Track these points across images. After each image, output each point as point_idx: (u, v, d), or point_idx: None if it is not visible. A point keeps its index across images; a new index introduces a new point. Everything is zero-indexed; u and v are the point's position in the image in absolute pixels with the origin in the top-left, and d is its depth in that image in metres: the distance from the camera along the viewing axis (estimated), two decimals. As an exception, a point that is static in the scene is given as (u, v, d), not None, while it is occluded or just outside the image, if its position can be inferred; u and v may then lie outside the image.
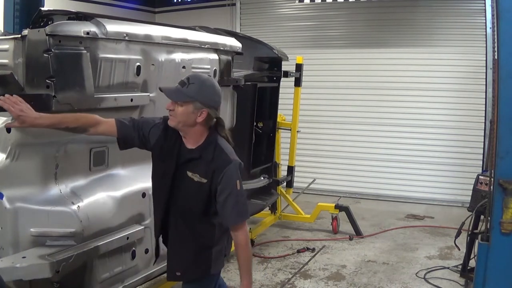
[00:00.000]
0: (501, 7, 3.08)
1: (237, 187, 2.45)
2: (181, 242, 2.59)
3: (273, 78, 5.61)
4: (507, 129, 3.13)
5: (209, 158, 2.45)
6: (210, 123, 2.51)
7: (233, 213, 2.46)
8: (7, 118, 2.76)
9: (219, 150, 2.47)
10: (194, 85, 2.42)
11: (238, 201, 2.46)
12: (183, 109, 2.40)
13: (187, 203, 2.52)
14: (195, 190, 2.47)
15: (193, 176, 2.47)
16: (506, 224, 3.15)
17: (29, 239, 2.69)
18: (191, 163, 2.48)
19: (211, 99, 2.46)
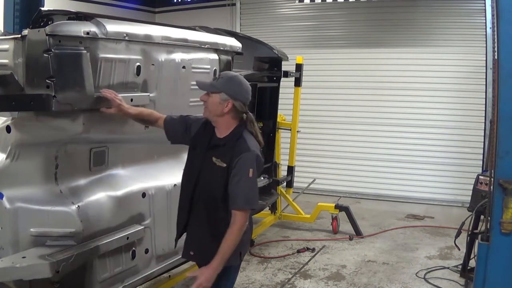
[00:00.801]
0: (501, 7, 3.08)
1: (249, 174, 2.61)
2: (199, 225, 2.74)
3: (273, 78, 5.61)
4: (507, 129, 3.13)
5: (232, 145, 2.67)
6: (239, 116, 2.72)
7: (240, 197, 2.59)
8: (7, 118, 2.77)
9: (242, 140, 2.67)
10: (222, 79, 2.70)
11: (247, 187, 2.61)
12: (211, 99, 2.68)
13: (209, 187, 2.70)
14: (217, 175, 2.66)
15: (216, 161, 2.67)
16: (506, 224, 3.15)
17: (29, 239, 2.69)
18: (217, 149, 2.70)
19: (236, 92, 2.68)
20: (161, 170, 3.50)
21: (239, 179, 2.60)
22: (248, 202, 2.63)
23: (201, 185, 2.73)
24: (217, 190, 2.65)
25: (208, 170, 2.70)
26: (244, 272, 5.02)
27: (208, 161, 2.70)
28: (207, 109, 2.73)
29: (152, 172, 3.41)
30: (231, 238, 2.58)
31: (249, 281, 4.81)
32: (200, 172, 2.74)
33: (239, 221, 2.59)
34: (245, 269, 5.11)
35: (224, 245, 2.58)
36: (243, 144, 2.66)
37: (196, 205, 2.75)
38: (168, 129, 2.93)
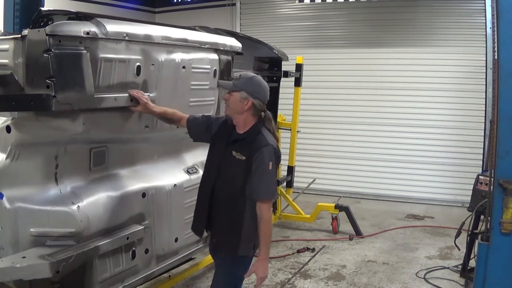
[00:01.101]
0: (501, 7, 3.09)
1: (269, 167, 2.83)
2: (219, 215, 2.96)
3: (273, 78, 5.61)
4: (507, 129, 3.13)
5: (251, 140, 2.88)
6: (257, 113, 2.94)
7: (261, 188, 2.82)
8: (7, 118, 2.77)
9: (261, 135, 2.89)
10: (243, 79, 2.93)
11: (268, 179, 2.84)
12: (233, 98, 2.89)
13: (229, 179, 2.91)
14: (236, 167, 2.88)
15: (236, 154, 2.89)
16: (506, 224, 3.15)
17: (29, 239, 2.69)
18: (237, 144, 2.92)
19: (255, 91, 2.90)
20: (161, 170, 3.50)
21: (260, 172, 2.81)
22: (271, 193, 2.87)
23: (222, 177, 2.94)
24: (237, 182, 2.86)
25: (228, 163, 2.91)
26: (244, 272, 5.02)
27: (228, 155, 2.91)
28: (228, 107, 2.94)
29: (152, 172, 3.41)
30: (266, 229, 2.85)
31: (249, 281, 4.80)
32: (220, 166, 2.95)
33: (266, 212, 2.85)
34: (245, 269, 5.11)
35: (263, 237, 2.85)
36: (262, 139, 2.87)
37: (217, 197, 2.96)
38: (190, 128, 3.16)
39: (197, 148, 3.96)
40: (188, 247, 3.72)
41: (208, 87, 3.73)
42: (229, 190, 2.92)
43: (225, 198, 2.93)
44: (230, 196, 2.92)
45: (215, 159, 3.01)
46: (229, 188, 2.92)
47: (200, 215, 3.07)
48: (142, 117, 3.19)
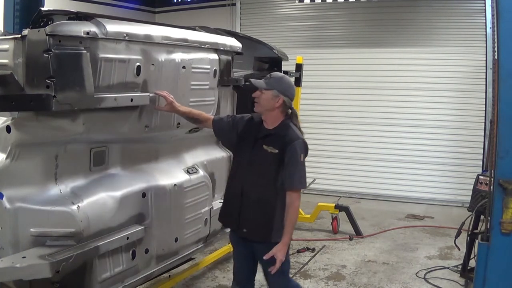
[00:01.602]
0: (501, 7, 3.09)
1: (300, 158, 3.08)
2: (250, 206, 3.14)
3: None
4: (507, 129, 3.13)
5: (282, 134, 3.11)
6: (285, 110, 3.17)
7: (294, 178, 3.05)
8: (7, 118, 2.77)
9: (291, 130, 3.14)
10: (273, 79, 3.15)
11: (299, 169, 3.07)
12: (264, 96, 3.11)
13: (261, 170, 3.12)
14: (268, 159, 3.09)
15: (267, 148, 3.10)
16: (506, 224, 3.15)
17: (29, 239, 2.69)
18: (268, 138, 3.13)
19: (286, 90, 3.14)
20: (161, 170, 3.50)
21: (292, 163, 3.05)
22: (301, 182, 3.09)
23: (253, 170, 3.14)
24: (269, 173, 3.08)
25: (259, 156, 3.12)
26: (244, 272, 5.02)
27: (259, 149, 3.13)
28: (259, 105, 3.14)
29: (152, 172, 3.41)
30: (293, 216, 3.06)
31: (249, 281, 4.80)
32: (251, 159, 3.15)
33: (295, 200, 3.06)
34: (245, 269, 5.10)
35: (289, 224, 3.05)
36: (293, 133, 3.12)
37: (248, 189, 3.14)
38: (216, 128, 3.37)
39: (197, 148, 3.97)
40: (188, 247, 3.72)
41: (208, 87, 3.73)
42: (261, 181, 3.12)
43: (257, 190, 3.13)
44: (262, 187, 3.12)
45: (245, 154, 3.20)
46: (261, 180, 3.12)
47: (231, 207, 3.25)
48: (142, 117, 3.18)
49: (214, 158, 4.08)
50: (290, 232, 3.08)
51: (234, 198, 3.21)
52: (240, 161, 3.25)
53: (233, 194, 3.23)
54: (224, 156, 4.20)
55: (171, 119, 3.43)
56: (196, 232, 3.75)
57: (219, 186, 4.12)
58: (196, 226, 3.72)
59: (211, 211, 3.87)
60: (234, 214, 3.22)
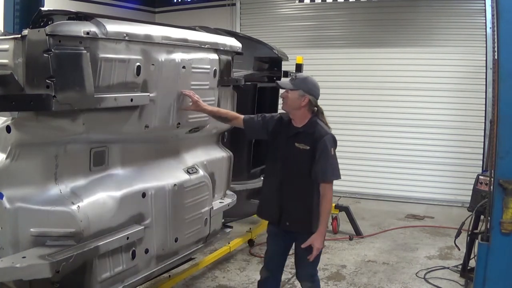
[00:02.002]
0: (501, 7, 3.09)
1: (331, 152, 3.29)
2: (290, 200, 3.39)
3: (273, 78, 5.60)
4: (507, 129, 3.14)
5: (311, 131, 3.32)
6: (312, 109, 3.38)
7: (327, 171, 3.27)
8: (7, 118, 2.77)
9: (319, 127, 3.34)
10: (298, 79, 3.37)
11: (331, 162, 3.29)
12: (291, 96, 3.33)
13: (296, 166, 3.35)
14: (301, 156, 3.32)
15: (299, 145, 3.33)
16: (506, 224, 3.16)
17: (29, 239, 2.68)
18: (298, 136, 3.36)
19: (311, 89, 3.35)
20: (161, 170, 3.50)
21: (324, 157, 3.26)
22: (334, 174, 3.31)
23: (288, 167, 3.36)
24: (304, 168, 3.31)
25: (293, 154, 3.35)
26: (244, 272, 5.03)
27: (291, 146, 3.35)
28: (286, 104, 3.36)
29: (152, 172, 3.41)
30: (327, 207, 3.31)
31: (249, 281, 4.81)
32: (285, 157, 3.38)
33: (329, 191, 3.29)
34: (245, 269, 5.11)
35: (324, 214, 3.30)
36: (321, 129, 3.33)
37: (286, 185, 3.38)
38: (247, 127, 3.58)
39: (197, 148, 3.96)
40: (188, 247, 3.72)
41: (208, 87, 3.73)
42: (297, 177, 3.35)
43: (294, 185, 3.38)
44: (299, 182, 3.36)
45: (279, 152, 3.44)
46: (297, 175, 3.35)
47: (271, 202, 3.51)
48: (142, 117, 3.18)
49: (214, 158, 4.08)
50: (326, 222, 3.35)
51: (273, 194, 3.47)
52: (275, 159, 3.48)
53: (271, 190, 3.48)
54: (224, 156, 4.19)
55: (171, 119, 3.43)
56: (196, 232, 3.74)
57: (219, 186, 4.12)
58: (196, 226, 3.72)
59: (211, 211, 3.87)
60: (274, 209, 3.46)
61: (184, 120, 3.54)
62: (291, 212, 3.41)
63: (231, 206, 4.21)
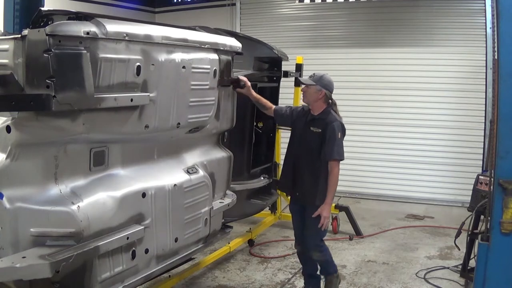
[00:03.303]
0: (501, 6, 3.09)
1: (338, 136, 3.96)
2: (302, 174, 4.10)
3: (273, 78, 5.61)
4: (507, 129, 3.13)
5: (324, 118, 4.04)
6: (327, 101, 4.08)
7: (333, 151, 3.93)
8: (7, 118, 2.77)
9: (331, 115, 4.05)
10: (316, 77, 4.05)
11: (337, 144, 3.95)
12: (310, 90, 4.05)
13: (308, 146, 4.07)
14: (314, 138, 4.04)
15: (313, 129, 4.06)
16: (506, 224, 3.15)
17: (29, 239, 2.68)
18: (314, 122, 4.08)
19: (326, 85, 4.04)
20: (161, 170, 3.50)
21: (332, 139, 3.93)
22: (339, 154, 3.95)
23: (303, 146, 4.10)
24: (315, 148, 4.01)
25: (307, 135, 4.08)
26: (244, 272, 5.03)
27: (308, 130, 4.09)
28: (306, 97, 4.08)
29: (152, 172, 3.41)
30: (334, 181, 3.94)
31: (249, 281, 4.81)
32: (301, 138, 4.13)
33: (335, 168, 3.94)
34: (245, 269, 5.11)
35: (330, 187, 3.94)
36: (332, 117, 4.03)
37: (299, 162, 4.12)
38: (276, 115, 4.38)
39: (197, 148, 3.96)
40: (188, 247, 3.72)
41: (208, 87, 3.73)
42: (309, 155, 4.04)
43: (306, 161, 4.07)
44: (310, 160, 4.04)
45: (297, 134, 4.19)
46: (309, 154, 4.04)
47: (287, 177, 4.23)
48: (142, 117, 3.18)
49: (214, 158, 4.08)
50: (332, 194, 3.95)
51: (289, 170, 4.20)
52: (293, 141, 4.22)
53: (288, 166, 4.22)
54: (224, 156, 4.19)
55: (171, 119, 3.43)
56: (196, 232, 3.74)
57: (219, 186, 4.12)
58: (196, 226, 3.72)
59: (211, 211, 3.87)
60: (289, 182, 4.21)
61: (184, 120, 3.54)
62: (301, 184, 4.10)
63: (231, 206, 4.20)
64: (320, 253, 4.15)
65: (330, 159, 3.93)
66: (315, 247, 4.13)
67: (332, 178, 3.93)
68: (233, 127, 4.32)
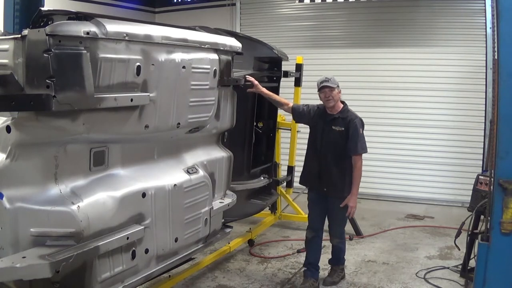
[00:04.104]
0: (501, 7, 3.09)
1: (360, 131, 4.38)
2: (328, 170, 4.46)
3: (273, 78, 5.60)
4: (507, 129, 3.13)
5: (345, 116, 4.45)
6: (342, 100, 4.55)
7: (356, 146, 4.34)
8: (7, 118, 2.77)
9: (350, 113, 4.49)
10: (332, 79, 4.43)
11: (360, 139, 4.37)
12: (334, 92, 4.42)
13: (333, 144, 4.43)
14: (338, 136, 4.42)
15: (335, 127, 4.44)
16: (506, 224, 3.15)
17: (29, 239, 2.68)
18: (335, 121, 4.45)
19: (338, 84, 4.46)
20: (161, 170, 3.50)
21: (355, 135, 4.34)
22: (363, 148, 4.38)
23: (326, 144, 4.46)
24: (339, 145, 4.39)
25: (331, 134, 4.44)
26: (244, 272, 5.03)
27: (330, 129, 4.45)
28: (333, 98, 4.41)
29: (152, 172, 3.41)
30: (358, 173, 4.37)
31: (249, 281, 4.81)
32: (324, 137, 4.48)
33: (358, 161, 4.36)
34: (245, 269, 5.11)
35: (356, 179, 4.37)
36: (352, 115, 4.47)
37: (325, 159, 4.47)
38: (295, 113, 4.75)
39: (197, 148, 3.96)
40: (188, 247, 3.72)
41: (208, 87, 3.73)
42: (335, 152, 4.41)
43: (332, 158, 4.43)
44: (335, 156, 4.41)
45: (318, 134, 4.54)
46: (335, 151, 4.41)
47: (311, 173, 4.62)
48: (142, 117, 3.18)
49: (214, 158, 4.08)
50: (357, 185, 4.38)
51: (315, 167, 4.57)
52: (315, 139, 4.57)
53: (313, 164, 4.58)
54: (224, 156, 4.19)
55: (171, 119, 3.43)
56: (196, 232, 3.74)
57: (219, 186, 4.12)
58: (196, 226, 3.72)
59: (211, 211, 3.87)
60: (314, 177, 4.57)
61: (184, 120, 3.54)
62: (328, 179, 4.46)
63: (231, 206, 4.20)
64: (341, 240, 4.73)
65: (355, 154, 4.33)
66: (340, 234, 4.71)
67: (357, 171, 4.34)
68: (233, 127, 4.32)
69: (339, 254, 4.81)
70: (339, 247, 4.77)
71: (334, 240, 4.73)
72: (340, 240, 4.74)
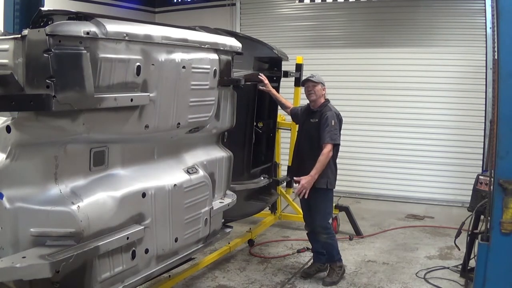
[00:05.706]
0: (501, 7, 3.09)
1: (332, 123, 4.56)
2: (304, 162, 4.68)
3: (273, 78, 5.60)
4: (507, 129, 3.14)
5: (321, 110, 4.70)
6: (324, 96, 4.80)
7: (326, 136, 4.52)
8: (7, 118, 2.77)
9: (327, 107, 4.72)
10: (317, 76, 4.78)
11: (330, 130, 4.54)
12: (318, 87, 4.73)
13: (309, 136, 4.72)
14: (313, 128, 4.69)
15: (312, 120, 4.73)
16: (506, 224, 3.16)
17: (29, 239, 2.68)
18: (313, 114, 4.76)
19: (323, 82, 4.80)
20: (161, 170, 3.50)
21: (326, 126, 4.54)
22: (332, 138, 4.53)
23: (304, 137, 4.80)
24: (314, 136, 4.63)
25: (308, 126, 4.77)
26: (244, 272, 5.03)
27: (308, 122, 4.77)
28: (315, 93, 4.73)
29: (152, 172, 3.41)
30: (323, 158, 4.48)
31: (249, 281, 4.81)
32: (303, 129, 4.86)
33: (326, 149, 4.50)
34: (245, 269, 5.11)
35: (318, 164, 4.47)
36: (327, 109, 4.68)
37: (302, 150, 4.80)
38: (292, 115, 5.20)
39: (197, 148, 3.96)
40: (188, 247, 3.72)
41: (208, 87, 3.73)
42: (311, 144, 4.67)
43: (307, 149, 4.71)
44: (310, 147, 4.66)
45: (301, 127, 4.93)
46: (311, 143, 4.67)
47: (293, 163, 5.02)
48: (142, 117, 3.18)
49: (214, 158, 4.08)
50: (317, 170, 4.46)
51: (295, 158, 4.96)
52: (299, 134, 4.94)
53: (295, 155, 4.99)
54: (224, 156, 4.19)
55: (171, 119, 3.43)
56: (196, 232, 3.74)
57: (219, 186, 4.12)
58: (196, 226, 3.72)
59: (211, 211, 3.87)
60: (295, 167, 4.89)
61: (184, 120, 3.54)
62: (304, 171, 4.56)
63: (231, 206, 4.20)
64: (327, 235, 4.69)
65: (323, 142, 4.50)
66: (322, 229, 4.69)
67: (321, 156, 4.46)
68: (233, 127, 4.32)
69: (331, 250, 4.75)
70: (328, 243, 4.72)
71: (321, 237, 4.72)
72: (327, 236, 4.70)
